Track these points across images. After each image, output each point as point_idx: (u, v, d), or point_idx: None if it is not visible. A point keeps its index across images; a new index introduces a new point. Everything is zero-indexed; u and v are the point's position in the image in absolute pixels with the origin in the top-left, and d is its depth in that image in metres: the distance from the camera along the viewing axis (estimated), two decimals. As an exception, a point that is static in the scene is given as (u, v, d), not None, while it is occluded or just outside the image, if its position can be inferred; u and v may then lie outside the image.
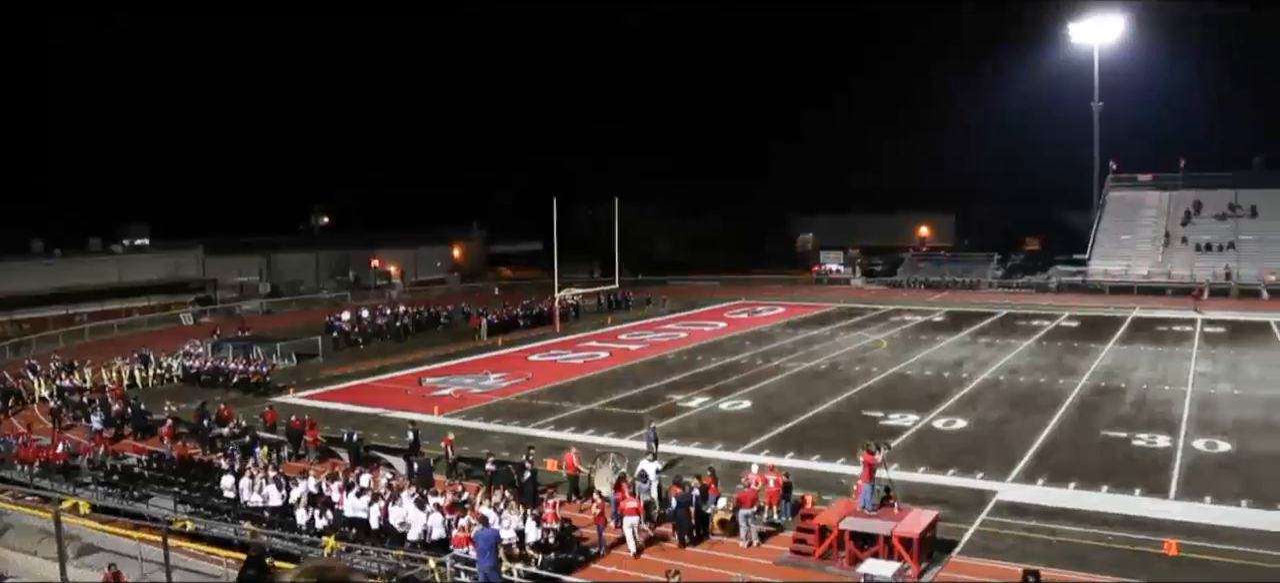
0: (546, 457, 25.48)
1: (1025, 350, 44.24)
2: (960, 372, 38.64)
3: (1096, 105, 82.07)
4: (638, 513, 20.15)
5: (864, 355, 43.24)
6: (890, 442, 24.91)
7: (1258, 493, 21.99)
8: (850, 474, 22.24)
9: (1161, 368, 39.19)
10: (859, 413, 31.33)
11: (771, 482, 21.30)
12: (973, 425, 29.45)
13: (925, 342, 47.28)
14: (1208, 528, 19.80)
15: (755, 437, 28.22)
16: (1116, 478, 23.38)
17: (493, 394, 35.96)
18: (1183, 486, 22.91)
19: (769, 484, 21.23)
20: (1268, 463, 24.64)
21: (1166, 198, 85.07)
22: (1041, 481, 23.47)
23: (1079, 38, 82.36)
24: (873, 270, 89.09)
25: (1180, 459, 25.10)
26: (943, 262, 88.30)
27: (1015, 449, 26.29)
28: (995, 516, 21.00)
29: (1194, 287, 67.08)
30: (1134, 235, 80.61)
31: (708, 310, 62.53)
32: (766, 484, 21.20)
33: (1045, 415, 30.40)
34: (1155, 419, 29.76)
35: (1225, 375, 37.29)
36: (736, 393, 34.89)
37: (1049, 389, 34.87)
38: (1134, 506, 21.40)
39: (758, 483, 21.08)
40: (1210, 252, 75.59)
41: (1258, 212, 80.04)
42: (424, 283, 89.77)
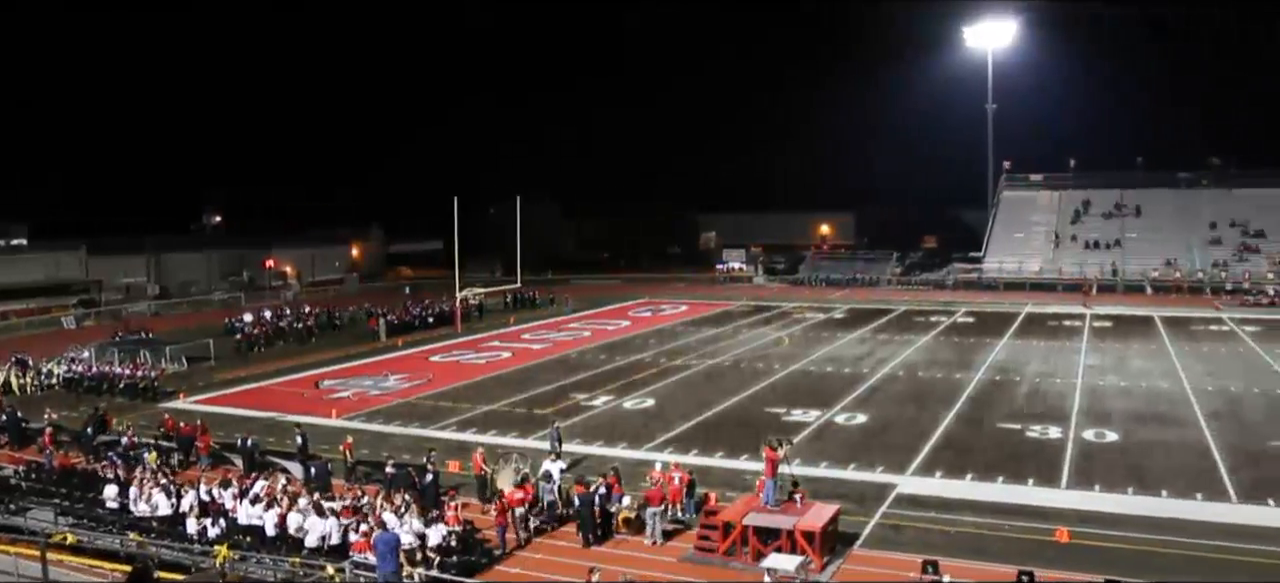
0: (448, 459, 25.06)
1: (923, 346, 45.11)
2: (860, 368, 39.21)
3: (990, 107, 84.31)
4: (523, 504, 20.14)
5: (766, 353, 43.61)
6: (792, 438, 25.08)
7: (1143, 480, 22.75)
8: (754, 470, 22.31)
9: (1053, 362, 40.34)
10: (762, 409, 31.51)
11: (676, 479, 21.23)
12: (873, 420, 29.84)
13: (826, 339, 47.90)
14: (1097, 515, 20.35)
15: (659, 435, 28.17)
16: (1011, 469, 23.92)
17: (392, 396, 35.27)
18: (1074, 475, 23.53)
19: (673, 482, 21.15)
20: (1152, 451, 25.52)
21: (1057, 197, 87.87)
22: (939, 473, 23.86)
23: (973, 42, 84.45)
24: (775, 269, 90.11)
25: (1071, 449, 25.79)
26: (843, 260, 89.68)
27: (914, 443, 26.70)
28: (895, 508, 21.25)
29: (1083, 283, 69.33)
30: (1027, 233, 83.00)
31: (611, 309, 62.48)
32: (671, 482, 21.12)
33: (943, 409, 30.99)
34: (1047, 411, 30.57)
35: (1112, 368, 38.57)
36: (640, 391, 34.83)
37: (946, 383, 35.57)
38: (1028, 495, 21.91)
39: (661, 481, 20.98)
40: (1098, 249, 78.22)
41: (1141, 211, 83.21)
42: (321, 283, 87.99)
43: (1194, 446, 26.18)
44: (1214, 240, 77.39)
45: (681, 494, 21.11)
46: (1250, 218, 79.39)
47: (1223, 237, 77.80)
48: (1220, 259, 74.19)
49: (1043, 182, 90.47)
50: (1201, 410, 30.35)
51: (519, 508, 19.98)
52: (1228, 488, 22.23)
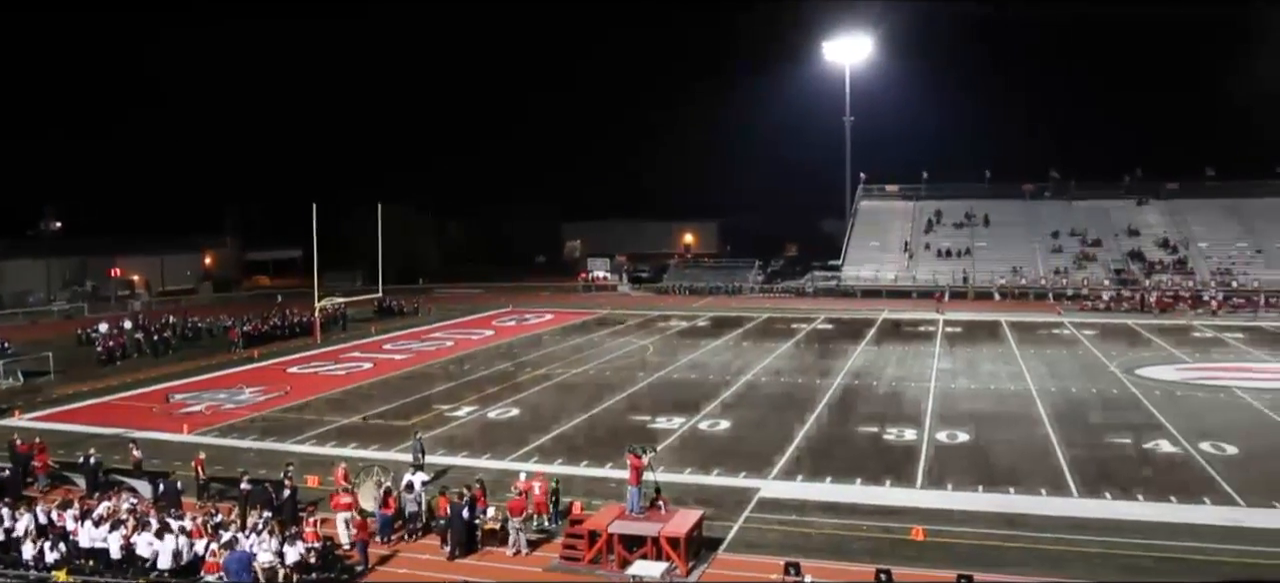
0: (308, 473, 24.31)
1: (785, 352, 45.99)
2: (724, 374, 39.71)
3: (848, 120, 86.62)
4: (349, 509, 19.93)
5: (631, 361, 43.78)
6: (657, 445, 25.21)
7: (992, 478, 23.68)
8: (618, 478, 22.32)
9: (908, 366, 41.64)
10: (626, 417, 31.60)
11: (537, 489, 21.06)
12: (736, 426, 30.24)
13: (690, 346, 48.39)
14: (949, 513, 21.06)
15: (524, 444, 27.93)
16: (869, 470, 24.54)
17: (248, 409, 34.07)
18: (928, 475, 24.30)
19: (535, 492, 20.99)
20: (1000, 450, 26.59)
21: (911, 208, 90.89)
22: (801, 476, 24.31)
23: (832, 56, 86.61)
24: (639, 277, 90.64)
25: (926, 450, 26.63)
26: (706, 268, 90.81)
27: (776, 447, 27.14)
28: (758, 512, 21.54)
29: (936, 290, 71.72)
30: (883, 243, 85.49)
31: (475, 318, 61.81)
32: (532, 492, 20.95)
33: (803, 414, 31.62)
34: (903, 414, 31.51)
35: (964, 371, 40.07)
36: (505, 401, 34.51)
37: (807, 389, 36.32)
38: (885, 496, 22.52)
39: (524, 491, 20.82)
40: (950, 257, 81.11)
41: (990, 220, 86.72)
42: (172, 293, 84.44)
43: (1039, 444, 27.39)
44: (1056, 249, 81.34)
45: (546, 504, 20.98)
46: (1088, 227, 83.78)
47: (1063, 245, 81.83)
48: (1061, 267, 77.96)
49: (897, 192, 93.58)
50: (1045, 410, 31.80)
51: (343, 514, 19.96)
52: (1069, 483, 23.33)
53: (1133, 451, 26.59)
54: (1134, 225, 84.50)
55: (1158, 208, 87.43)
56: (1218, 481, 23.37)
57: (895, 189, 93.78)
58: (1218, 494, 22.36)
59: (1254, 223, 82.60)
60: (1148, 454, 26.20)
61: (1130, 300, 67.12)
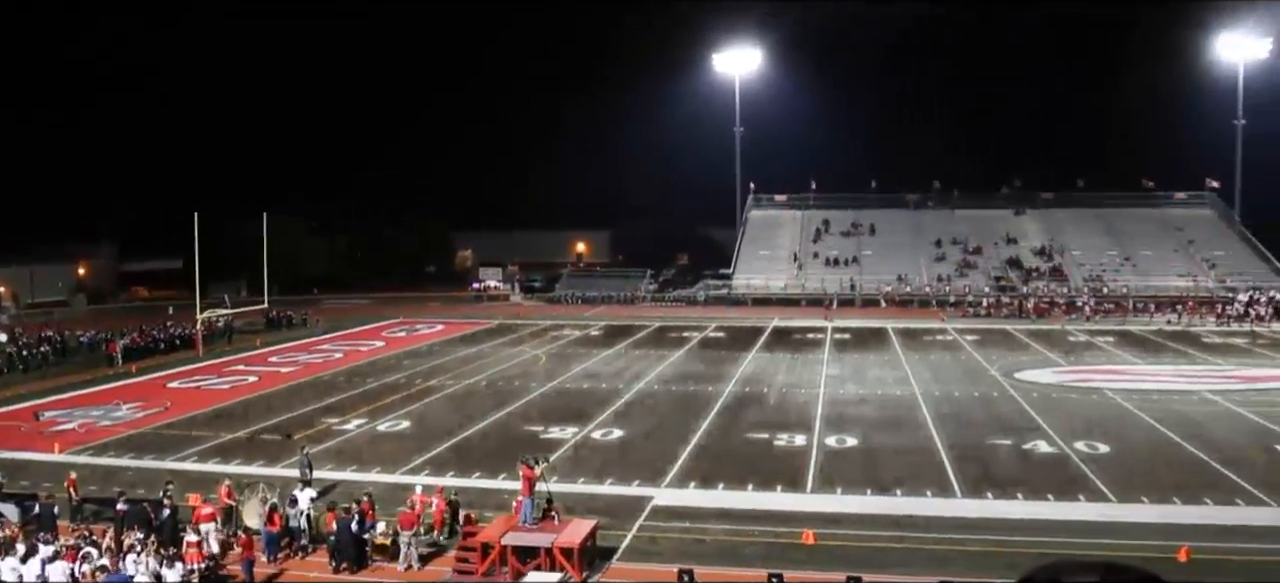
0: (188, 492, 23.46)
1: (677, 360, 46.27)
2: (617, 383, 39.75)
3: (738, 130, 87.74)
4: (211, 520, 19.54)
5: (523, 371, 43.52)
6: (549, 455, 25.09)
7: (880, 481, 24.22)
8: (511, 489, 22.11)
9: (798, 373, 42.30)
10: (519, 428, 31.36)
11: (434, 504, 20.74)
12: (629, 435, 30.28)
13: (583, 355, 48.33)
14: (839, 516, 21.45)
15: (415, 457, 27.49)
16: (760, 476, 24.82)
17: (125, 426, 32.77)
18: (818, 479, 24.70)
19: (432, 506, 20.68)
20: (887, 454, 27.21)
21: (800, 217, 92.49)
22: (693, 484, 24.46)
23: (722, 67, 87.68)
24: (531, 286, 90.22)
25: (815, 456, 27.06)
26: (599, 277, 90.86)
27: (669, 455, 27.26)
28: (652, 520, 21.59)
29: (825, 298, 73.01)
30: (772, 251, 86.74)
31: (365, 329, 60.65)
32: (429, 506, 20.64)
33: (696, 421, 31.83)
34: (793, 420, 31.97)
35: (851, 377, 40.86)
36: (395, 413, 33.92)
37: (699, 396, 36.57)
38: (777, 501, 22.81)
39: (421, 505, 20.51)
40: (838, 265, 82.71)
41: (876, 229, 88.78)
42: (42, 305, 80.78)
43: (924, 447, 28.10)
44: (939, 257, 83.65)
45: (443, 519, 20.67)
46: (969, 236, 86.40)
47: (946, 254, 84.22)
48: (944, 274, 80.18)
49: (786, 202, 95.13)
50: (930, 414, 32.64)
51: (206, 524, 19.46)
52: (954, 484, 23.99)
53: (1013, 451, 27.48)
54: (1012, 234, 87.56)
55: (1034, 218, 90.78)
56: (1092, 478, 24.31)
57: (784, 199, 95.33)
58: (1092, 492, 23.26)
59: (1122, 232, 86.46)
60: (1027, 455, 27.10)
61: (1009, 306, 69.40)
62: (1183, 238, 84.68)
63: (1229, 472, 24.90)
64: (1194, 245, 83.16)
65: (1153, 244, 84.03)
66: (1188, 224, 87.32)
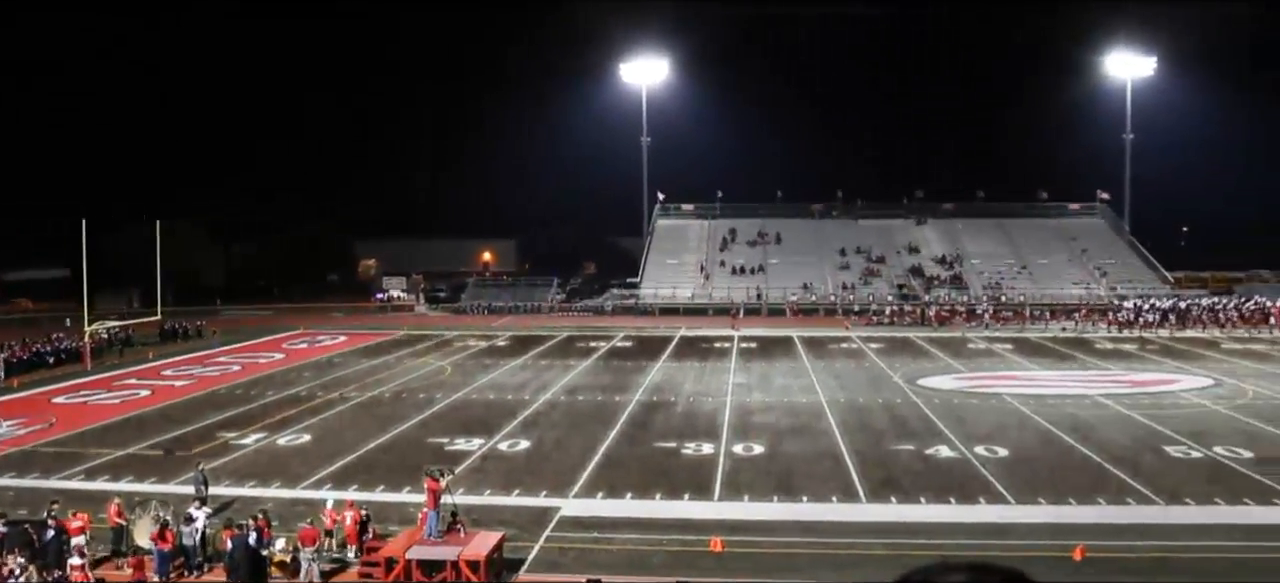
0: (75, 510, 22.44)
1: (584, 370, 46.06)
2: (523, 393, 39.39)
3: (645, 140, 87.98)
4: (81, 532, 18.89)
5: (428, 381, 42.86)
6: (455, 467, 24.68)
7: (786, 488, 24.33)
8: (416, 502, 21.69)
9: (705, 381, 42.43)
10: (424, 440, 30.80)
11: (348, 519, 20.18)
12: (536, 445, 29.96)
13: (490, 365, 47.82)
14: (747, 523, 21.49)
15: (317, 471, 26.77)
16: (668, 485, 24.74)
17: (6, 444, 31.28)
18: (725, 487, 24.71)
19: (345, 521, 20.12)
20: (793, 460, 27.36)
21: (706, 226, 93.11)
22: (601, 493, 24.27)
23: (629, 77, 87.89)
24: (437, 296, 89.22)
25: (722, 463, 27.09)
26: (506, 286, 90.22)
27: (576, 465, 27.03)
28: (559, 531, 21.35)
29: (731, 306, 73.55)
30: (679, 261, 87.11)
31: (264, 341, 59.15)
32: (342, 522, 20.09)
33: (603, 431, 31.66)
34: (700, 428, 32.00)
35: (758, 385, 41.14)
36: (296, 426, 33.03)
37: (607, 406, 36.42)
38: (684, 509, 22.74)
39: (333, 520, 19.96)
40: (744, 274, 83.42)
41: (782, 239, 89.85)
42: (-84, 319, 77.09)
43: (829, 452, 28.35)
44: (843, 266, 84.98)
45: (356, 534, 20.11)
46: (873, 245, 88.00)
47: (850, 263, 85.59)
48: (849, 283, 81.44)
49: (693, 212, 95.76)
50: (835, 420, 32.98)
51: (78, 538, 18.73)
52: (858, 489, 24.23)
53: (916, 456, 27.89)
54: (914, 244, 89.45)
55: (935, 228, 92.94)
56: (991, 481, 24.80)
57: (691, 208, 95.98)
58: (991, 494, 23.72)
59: (1019, 242, 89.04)
60: (929, 459, 27.53)
61: (911, 314, 70.79)
62: (1076, 247, 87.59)
63: (1120, 472, 25.66)
64: (1087, 254, 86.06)
65: (1048, 253, 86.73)
66: (1081, 234, 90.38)
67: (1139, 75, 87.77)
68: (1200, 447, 28.70)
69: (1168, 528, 21.13)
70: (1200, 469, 26.29)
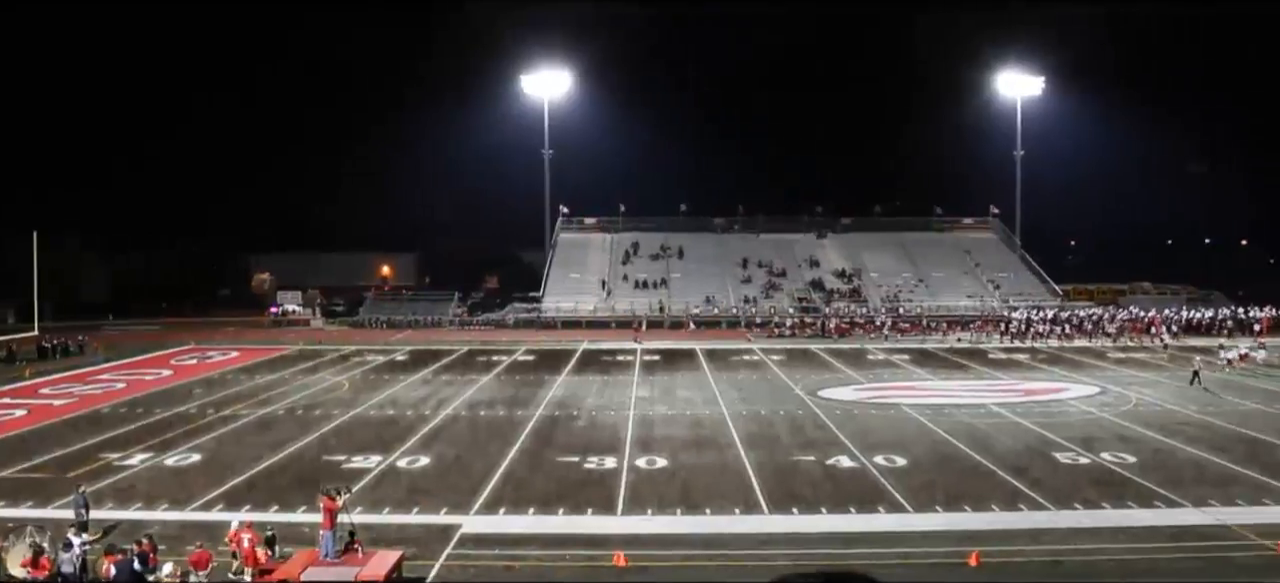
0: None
1: (486, 385, 45.51)
2: (423, 409, 38.71)
3: (547, 153, 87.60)
4: None
5: (325, 398, 41.84)
6: (352, 485, 24.06)
7: (689, 501, 24.26)
8: (311, 522, 21.04)
9: (608, 395, 42.25)
10: (320, 458, 29.98)
11: (246, 541, 19.41)
12: (437, 461, 29.41)
13: (388, 381, 46.94)
14: (650, 537, 21.33)
15: (206, 492, 25.80)
16: (571, 500, 24.48)
17: None
18: (628, 501, 24.54)
19: (244, 543, 19.36)
20: (696, 473, 27.32)
21: (609, 240, 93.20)
22: (503, 510, 23.89)
23: (531, 90, 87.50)
24: (334, 311, 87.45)
25: (625, 478, 26.92)
26: (405, 300, 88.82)
27: (478, 481, 26.59)
28: (460, 549, 20.93)
29: (634, 320, 73.57)
30: (582, 274, 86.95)
31: (151, 358, 57.09)
32: (241, 544, 19.34)
33: (505, 447, 31.23)
34: (603, 443, 31.80)
35: (661, 398, 41.12)
36: (185, 446, 31.83)
37: (508, 421, 35.98)
38: (587, 525, 22.50)
39: (235, 543, 19.24)
40: (647, 288, 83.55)
41: (684, 252, 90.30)
42: None
43: (732, 465, 28.40)
44: (745, 279, 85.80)
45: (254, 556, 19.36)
46: (774, 259, 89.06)
47: (752, 276, 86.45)
48: (751, 296, 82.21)
49: (596, 225, 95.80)
50: (737, 433, 33.10)
51: None
52: (761, 501, 24.29)
53: (817, 467, 28.11)
54: (814, 257, 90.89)
55: (835, 242, 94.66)
56: (890, 490, 25.13)
57: (594, 222, 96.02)
58: (890, 503, 24.02)
59: (916, 255, 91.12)
60: (830, 470, 27.78)
61: (812, 327, 71.73)
62: (970, 261, 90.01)
63: (1013, 479, 26.31)
64: (980, 267, 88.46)
65: (943, 266, 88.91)
66: (974, 247, 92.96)
67: (1028, 95, 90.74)
68: (1088, 453, 29.61)
69: (1058, 533, 21.64)
70: (1088, 475, 27.07)
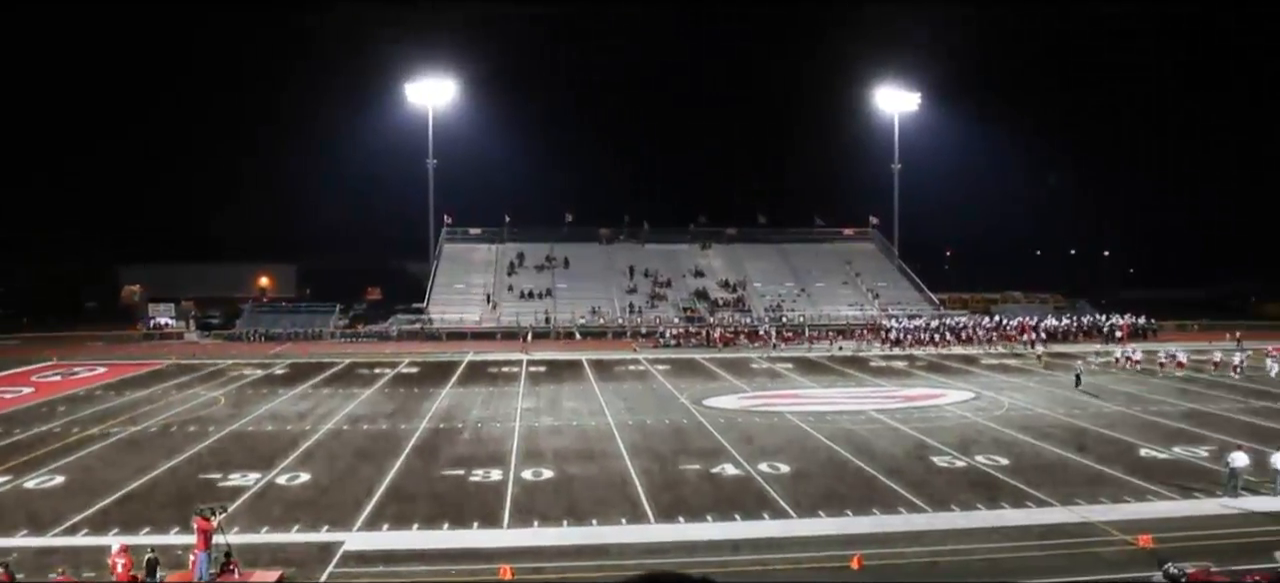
0: None
1: (368, 398, 44.69)
2: (304, 424, 37.79)
3: (431, 162, 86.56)
4: None
5: (200, 414, 40.49)
6: (228, 504, 23.34)
7: (575, 512, 24.23)
8: (185, 544, 20.34)
9: (494, 407, 41.92)
10: (195, 477, 28.97)
11: (120, 566, 18.58)
12: (317, 478, 28.73)
13: (268, 396, 45.70)
14: (536, 550, 21.22)
15: (71, 515, 24.67)
16: (456, 514, 24.20)
17: None
18: (514, 514, 24.38)
19: (118, 569, 18.53)
20: (582, 484, 27.33)
21: (495, 250, 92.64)
22: (386, 526, 23.47)
23: (415, 98, 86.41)
24: (209, 323, 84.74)
25: (511, 490, 26.74)
26: (284, 313, 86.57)
27: (360, 498, 26.07)
28: (342, 567, 20.49)
29: (520, 330, 73.20)
30: (467, 285, 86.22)
31: (10, 374, 54.40)
32: (114, 569, 18.51)
33: (388, 461, 30.71)
34: (489, 455, 31.53)
35: (547, 409, 40.99)
36: (47, 468, 30.37)
37: (392, 435, 35.39)
38: (473, 539, 22.27)
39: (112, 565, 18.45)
40: (533, 298, 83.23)
41: (570, 263, 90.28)
42: None
43: (618, 475, 28.46)
44: (630, 289, 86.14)
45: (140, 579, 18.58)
46: (660, 269, 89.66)
47: (638, 286, 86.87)
48: (636, 306, 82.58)
49: (481, 235, 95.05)
50: (623, 443, 33.21)
51: None
52: (647, 511, 24.41)
53: (702, 475, 28.37)
54: (699, 268, 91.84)
55: (719, 252, 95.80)
56: (774, 497, 25.51)
57: (479, 232, 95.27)
58: (774, 509, 24.40)
59: (799, 266, 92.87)
60: (715, 478, 28.07)
61: (697, 336, 72.39)
62: (851, 270, 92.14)
63: (893, 483, 27.01)
64: (860, 277, 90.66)
65: (825, 276, 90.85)
66: (855, 257, 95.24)
67: (905, 109, 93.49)
68: (964, 457, 30.59)
69: (935, 534, 22.29)
70: (963, 477, 27.96)
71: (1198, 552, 20.03)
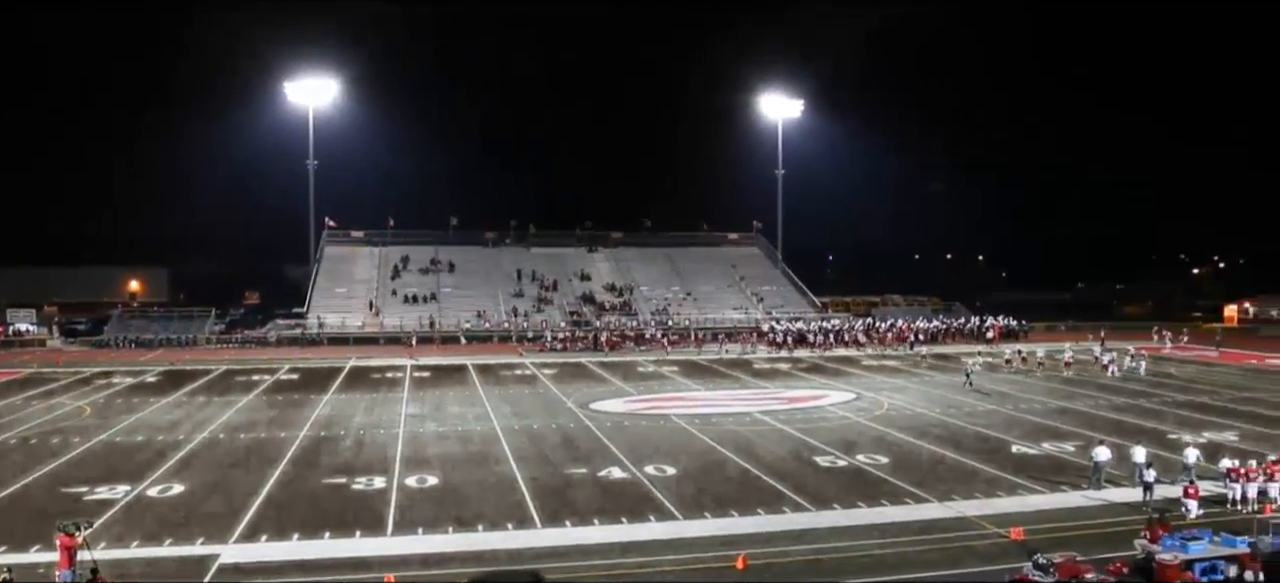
0: None
1: (245, 406, 43.44)
2: (176, 434, 36.51)
3: (311, 163, 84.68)
4: None
5: (63, 425, 38.73)
6: (92, 520, 22.38)
7: (461, 519, 23.94)
8: (48, 562, 19.45)
9: (377, 413, 41.19)
10: (58, 491, 27.69)
11: None
12: (191, 489, 27.76)
13: (138, 405, 44.02)
14: (422, 557, 20.91)
15: (-79, 532, 23.37)
16: (338, 523, 23.68)
17: None
18: (398, 522, 23.97)
19: None
20: (469, 490, 27.03)
21: (378, 253, 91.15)
22: (265, 537, 22.81)
23: (295, 98, 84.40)
24: (74, 330, 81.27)
25: (395, 497, 26.29)
26: (156, 318, 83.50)
27: (237, 509, 25.28)
28: (219, 579, 19.85)
29: (404, 335, 72.15)
30: (349, 289, 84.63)
31: None
32: None
33: (267, 470, 29.89)
34: (372, 462, 30.95)
35: (432, 415, 40.48)
36: (-104, 482, 28.75)
37: (270, 443, 34.46)
38: (355, 548, 21.81)
39: None
40: (417, 302, 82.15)
41: (455, 267, 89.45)
42: None
43: (504, 480, 28.25)
44: (517, 293, 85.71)
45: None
46: (546, 273, 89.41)
47: (524, 290, 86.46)
48: (522, 310, 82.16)
49: (364, 238, 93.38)
50: (509, 447, 32.98)
51: None
52: (534, 516, 24.26)
53: (589, 479, 28.36)
54: (586, 271, 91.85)
55: (606, 256, 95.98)
56: (660, 499, 25.65)
57: (361, 235, 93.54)
58: (661, 511, 24.52)
59: (684, 269, 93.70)
60: (602, 481, 28.09)
61: (583, 340, 72.36)
62: (736, 274, 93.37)
63: (776, 483, 27.44)
64: (745, 281, 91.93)
65: (710, 280, 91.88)
66: (740, 261, 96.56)
67: (788, 116, 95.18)
68: (846, 456, 31.26)
69: (818, 532, 22.70)
70: (845, 477, 28.56)
71: (1064, 543, 20.87)
